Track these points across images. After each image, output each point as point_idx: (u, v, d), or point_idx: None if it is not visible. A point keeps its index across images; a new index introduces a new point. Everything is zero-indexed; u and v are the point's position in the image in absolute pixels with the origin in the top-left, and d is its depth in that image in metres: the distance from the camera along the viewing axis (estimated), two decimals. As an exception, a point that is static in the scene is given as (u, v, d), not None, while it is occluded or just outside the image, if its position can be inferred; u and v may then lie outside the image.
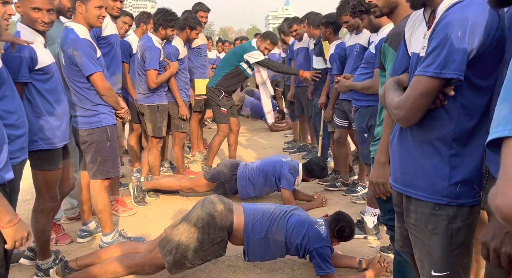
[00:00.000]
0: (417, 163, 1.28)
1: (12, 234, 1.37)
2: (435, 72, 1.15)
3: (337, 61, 3.81)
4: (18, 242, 1.40)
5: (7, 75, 1.82)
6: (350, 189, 3.80)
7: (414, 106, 1.20)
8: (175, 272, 2.22)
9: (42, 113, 2.19)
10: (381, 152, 1.72)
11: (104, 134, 2.58)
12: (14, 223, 1.37)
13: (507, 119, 0.62)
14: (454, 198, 1.23)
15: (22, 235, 1.40)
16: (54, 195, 2.35)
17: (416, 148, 1.28)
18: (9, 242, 1.38)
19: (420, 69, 1.19)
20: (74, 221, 3.13)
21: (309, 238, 2.29)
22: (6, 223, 1.35)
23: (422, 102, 1.19)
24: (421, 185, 1.28)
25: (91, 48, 2.46)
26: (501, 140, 0.62)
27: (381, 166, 1.70)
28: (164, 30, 3.58)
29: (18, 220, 1.39)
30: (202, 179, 3.55)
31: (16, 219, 1.38)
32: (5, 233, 1.37)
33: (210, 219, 2.22)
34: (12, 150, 1.83)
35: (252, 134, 6.70)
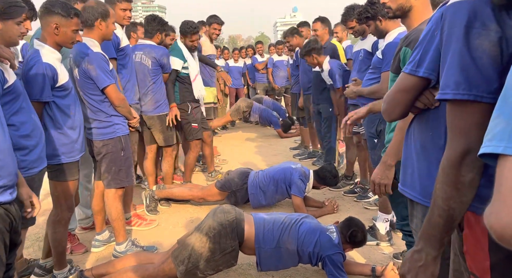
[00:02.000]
0: (415, 165, 1.30)
1: None
2: (412, 70, 1.16)
3: (336, 75, 3.86)
4: None
5: (22, 88, 1.88)
6: (361, 195, 3.78)
7: (393, 101, 1.24)
8: None
9: (62, 128, 2.25)
10: (388, 154, 1.75)
11: (118, 144, 2.63)
12: None
13: (501, 135, 0.63)
14: None
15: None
16: (71, 206, 2.40)
17: (416, 150, 1.30)
18: None
19: (407, 66, 1.21)
20: (88, 231, 3.17)
21: (321, 246, 2.28)
22: None
23: (400, 97, 1.22)
24: (418, 187, 1.29)
25: (105, 61, 2.52)
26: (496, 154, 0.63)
27: (387, 168, 1.74)
28: (161, 34, 3.67)
29: None
30: (213, 188, 3.57)
31: None
32: None
33: (221, 228, 2.23)
34: (30, 160, 1.89)
35: (262, 140, 6.71)
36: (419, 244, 1.01)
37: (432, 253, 0.99)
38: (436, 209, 0.95)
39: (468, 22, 0.86)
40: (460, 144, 0.89)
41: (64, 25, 2.17)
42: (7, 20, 1.80)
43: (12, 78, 1.79)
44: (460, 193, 0.90)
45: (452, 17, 0.91)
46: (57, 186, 2.33)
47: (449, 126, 0.93)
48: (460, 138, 0.90)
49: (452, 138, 0.92)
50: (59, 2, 2.19)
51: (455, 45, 0.89)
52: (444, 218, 0.94)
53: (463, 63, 0.87)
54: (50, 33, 2.18)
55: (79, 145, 2.38)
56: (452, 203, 0.92)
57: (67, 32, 2.19)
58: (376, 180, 1.77)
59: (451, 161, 0.91)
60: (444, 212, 0.93)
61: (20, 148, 1.84)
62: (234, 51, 8.58)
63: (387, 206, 2.84)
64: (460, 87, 0.87)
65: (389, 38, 2.59)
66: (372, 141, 2.88)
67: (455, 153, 0.90)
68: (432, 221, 0.96)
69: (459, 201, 0.91)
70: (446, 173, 0.92)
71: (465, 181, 0.89)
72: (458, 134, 0.90)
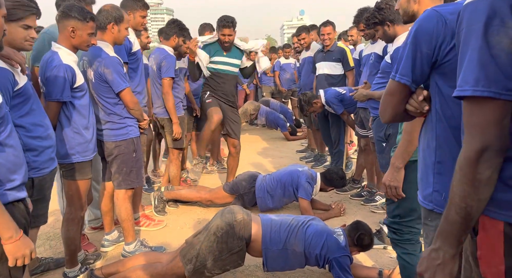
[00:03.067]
0: (419, 168, 1.34)
1: (13, 251, 1.33)
2: (393, 75, 1.26)
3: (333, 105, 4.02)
4: (19, 259, 1.36)
5: (33, 90, 1.92)
6: (368, 199, 3.78)
7: (383, 104, 1.32)
8: None
9: (78, 128, 2.31)
10: (397, 156, 1.78)
11: (131, 146, 2.67)
12: (15, 239, 1.33)
13: None
14: (438, 205, 1.24)
15: (24, 252, 1.36)
16: (83, 204, 2.46)
17: (420, 153, 1.33)
18: (9, 259, 1.34)
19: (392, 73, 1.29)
20: (98, 231, 3.21)
21: (328, 248, 2.29)
22: (6, 239, 1.32)
23: (388, 100, 1.30)
24: (419, 189, 1.33)
25: (120, 65, 2.58)
26: None
27: (396, 170, 1.78)
28: (178, 38, 3.70)
29: (20, 237, 1.35)
30: (221, 191, 3.59)
31: (17, 236, 1.34)
32: (6, 250, 1.34)
33: (229, 228, 2.25)
34: (41, 160, 1.93)
35: (268, 143, 6.73)
36: (437, 242, 1.01)
37: (450, 252, 0.98)
38: (453, 207, 0.95)
39: (487, 19, 0.87)
40: (477, 141, 0.89)
41: (80, 28, 2.23)
42: (9, 22, 1.75)
43: (23, 81, 1.82)
44: (477, 191, 0.90)
45: (470, 15, 0.91)
46: (71, 185, 2.38)
47: (465, 123, 0.93)
48: (477, 135, 0.89)
49: (469, 135, 0.92)
50: (76, 7, 2.26)
51: (474, 42, 0.89)
52: (461, 215, 0.93)
53: (483, 60, 0.87)
54: (67, 36, 2.25)
55: (92, 145, 2.43)
56: (469, 201, 0.92)
57: (83, 35, 2.25)
58: (386, 183, 1.80)
59: (468, 159, 0.91)
60: (461, 210, 0.93)
61: (31, 149, 1.88)
62: None
63: (394, 210, 2.85)
64: (479, 83, 0.87)
65: (398, 43, 2.60)
66: (380, 145, 2.88)
67: (472, 151, 0.90)
68: (450, 219, 0.96)
69: (477, 199, 0.91)
70: (463, 171, 0.92)
71: (482, 178, 0.89)
72: (475, 131, 0.90)
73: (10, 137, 1.43)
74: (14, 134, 1.47)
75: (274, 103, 7.48)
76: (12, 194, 1.42)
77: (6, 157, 1.40)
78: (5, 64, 1.70)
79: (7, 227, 1.31)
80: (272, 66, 8.05)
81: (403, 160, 1.77)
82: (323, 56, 4.52)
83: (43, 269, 2.55)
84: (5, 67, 1.69)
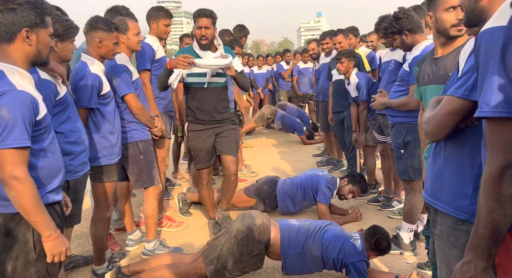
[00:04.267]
0: (445, 178, 1.34)
1: (51, 248, 1.47)
2: (464, 94, 1.22)
3: (364, 88, 3.91)
4: (56, 256, 1.49)
5: (71, 99, 2.08)
6: (385, 204, 3.80)
7: (440, 123, 1.28)
8: None
9: (105, 133, 2.46)
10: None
11: (136, 148, 2.79)
12: (53, 238, 1.46)
13: None
14: (474, 215, 1.25)
15: (60, 249, 1.49)
16: (110, 205, 2.60)
17: (447, 164, 1.34)
18: (48, 255, 1.48)
19: (452, 89, 1.27)
20: (122, 232, 3.35)
21: (345, 252, 2.35)
22: (46, 237, 1.46)
23: (448, 120, 1.26)
24: (446, 199, 1.33)
25: (126, 72, 2.70)
26: None
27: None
28: None
29: (58, 236, 1.49)
30: (243, 195, 3.68)
31: (55, 234, 1.47)
32: (45, 246, 1.47)
33: (249, 232, 2.33)
34: (76, 164, 2.07)
35: (285, 147, 6.78)
36: (468, 255, 1.06)
37: (481, 264, 1.02)
38: (481, 221, 1.01)
39: (504, 45, 0.94)
40: (499, 159, 0.96)
41: (106, 38, 2.39)
42: (64, 41, 2.07)
43: (63, 91, 1.99)
44: (502, 206, 0.96)
45: (487, 41, 0.99)
46: (98, 187, 2.52)
47: (487, 142, 1.00)
48: (499, 153, 0.96)
49: (491, 154, 0.99)
50: (101, 19, 2.44)
51: (492, 67, 0.96)
52: (489, 230, 0.99)
53: (501, 84, 0.95)
54: (95, 47, 2.40)
55: (118, 149, 2.57)
56: (495, 216, 0.98)
57: (108, 45, 2.41)
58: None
59: (491, 176, 0.98)
60: (488, 224, 0.99)
61: (67, 154, 2.02)
62: (259, 58, 8.72)
63: (412, 216, 2.87)
64: (499, 105, 0.95)
65: (416, 52, 2.65)
66: (398, 152, 2.91)
67: (495, 168, 0.97)
68: (478, 233, 1.02)
69: (502, 214, 0.97)
70: (487, 187, 0.98)
71: (507, 194, 0.95)
72: (497, 149, 0.97)
73: (52, 144, 1.57)
74: (55, 141, 1.61)
75: (290, 107, 7.54)
76: (51, 196, 1.56)
77: (48, 162, 1.54)
78: (48, 76, 1.86)
79: (47, 226, 1.45)
80: (291, 71, 8.14)
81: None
82: None
83: (73, 265, 2.71)
84: (49, 79, 1.85)
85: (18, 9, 1.42)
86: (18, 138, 1.36)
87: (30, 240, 1.48)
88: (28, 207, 1.40)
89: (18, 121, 1.36)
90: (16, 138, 1.36)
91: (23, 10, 1.43)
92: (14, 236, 1.47)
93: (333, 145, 5.42)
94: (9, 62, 1.46)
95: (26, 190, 1.39)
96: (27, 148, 1.41)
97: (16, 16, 1.43)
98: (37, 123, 1.46)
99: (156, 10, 3.46)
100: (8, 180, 1.37)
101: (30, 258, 1.48)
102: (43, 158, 1.52)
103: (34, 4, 1.46)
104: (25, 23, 1.44)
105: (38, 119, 1.46)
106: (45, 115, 1.50)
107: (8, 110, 1.35)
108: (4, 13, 1.42)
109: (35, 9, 1.45)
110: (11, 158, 1.37)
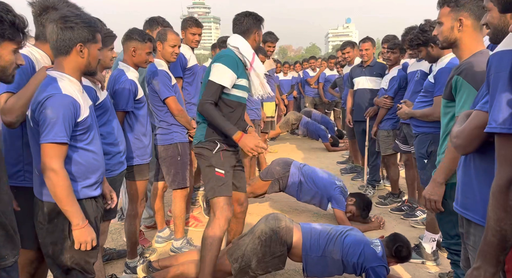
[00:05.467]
0: (477, 189, 1.37)
1: (78, 236, 1.62)
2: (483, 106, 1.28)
3: (396, 85, 3.92)
4: (82, 244, 1.63)
5: (110, 104, 2.27)
6: (409, 213, 3.80)
7: (470, 137, 1.32)
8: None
9: (138, 135, 2.65)
10: (439, 172, 1.86)
11: (176, 150, 2.97)
12: (81, 227, 1.61)
13: None
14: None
15: (86, 239, 1.63)
16: (142, 202, 2.78)
17: (477, 175, 1.37)
18: (75, 243, 1.64)
19: (480, 104, 1.32)
20: (151, 230, 3.52)
21: (365, 257, 2.40)
22: (74, 226, 1.61)
23: (477, 134, 1.29)
24: (479, 210, 1.36)
25: (167, 77, 2.90)
26: None
27: (437, 185, 1.86)
28: None
29: (85, 226, 1.63)
30: (259, 180, 3.78)
31: (83, 224, 1.62)
32: (73, 234, 1.63)
33: (272, 233, 2.44)
34: (112, 163, 2.25)
35: (309, 153, 6.83)
36: (478, 261, 1.12)
37: (490, 270, 1.08)
38: (490, 229, 1.08)
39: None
40: (506, 171, 1.04)
41: (140, 48, 2.60)
42: (103, 49, 2.21)
43: (103, 96, 2.19)
44: (509, 216, 1.03)
45: (498, 63, 1.08)
46: (132, 185, 2.70)
47: (497, 155, 1.08)
48: (507, 166, 1.03)
49: (500, 167, 1.06)
50: (137, 30, 2.67)
51: (501, 87, 1.05)
52: (497, 237, 1.06)
53: (509, 102, 1.03)
54: (129, 55, 2.62)
55: (149, 150, 2.75)
56: (503, 225, 1.04)
57: (142, 54, 2.62)
58: (427, 196, 1.90)
59: (499, 187, 1.05)
60: (497, 233, 1.06)
61: (105, 154, 2.19)
62: (284, 65, 8.85)
63: (434, 226, 2.88)
64: (506, 122, 1.03)
65: (442, 64, 2.68)
66: (422, 162, 2.93)
67: (503, 180, 1.04)
68: (487, 240, 1.09)
69: (510, 223, 1.04)
70: (496, 198, 1.05)
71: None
72: (505, 162, 1.04)
73: (92, 144, 1.75)
74: (96, 141, 1.79)
75: (315, 113, 7.60)
76: (87, 191, 1.74)
77: (86, 159, 1.73)
78: (89, 82, 2.06)
79: (76, 215, 1.62)
80: (317, 78, 8.21)
81: (445, 176, 1.86)
82: (362, 71, 4.60)
83: (108, 258, 2.91)
84: (89, 85, 2.05)
85: (75, 27, 1.65)
86: (57, 135, 1.56)
87: (66, 229, 1.66)
88: (60, 196, 1.58)
89: (59, 120, 1.56)
90: (56, 134, 1.56)
91: (79, 28, 1.65)
92: (55, 224, 1.66)
93: (357, 153, 5.43)
94: (63, 71, 1.68)
95: (60, 181, 1.57)
96: (64, 144, 1.60)
97: (73, 33, 1.65)
98: (77, 124, 1.65)
99: (185, 20, 3.70)
100: (46, 170, 1.57)
101: (65, 244, 1.67)
102: (82, 155, 1.71)
103: (89, 23, 1.68)
104: (80, 39, 1.66)
105: (79, 120, 1.65)
106: (86, 117, 1.69)
107: (52, 110, 1.56)
108: (64, 31, 1.64)
109: (88, 27, 1.67)
110: (50, 151, 1.56)
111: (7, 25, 1.31)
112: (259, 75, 2.43)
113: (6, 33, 1.32)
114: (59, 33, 1.64)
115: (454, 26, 1.83)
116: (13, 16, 1.32)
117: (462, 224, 1.53)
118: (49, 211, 1.65)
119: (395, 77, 3.97)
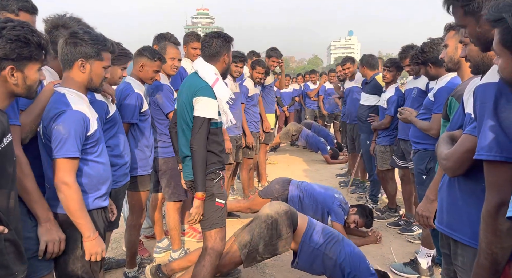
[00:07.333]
0: (463, 210, 1.40)
1: (89, 248, 1.67)
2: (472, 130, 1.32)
3: (394, 104, 4.00)
4: (93, 255, 1.68)
5: (119, 117, 2.33)
6: (405, 228, 3.83)
7: (460, 160, 1.35)
8: (247, 265, 2.56)
9: (142, 146, 2.71)
10: (432, 189, 1.91)
11: (176, 163, 2.96)
12: (92, 239, 1.66)
13: None
14: None
15: (97, 250, 1.68)
16: (143, 213, 2.82)
17: (463, 196, 1.40)
18: (86, 254, 1.68)
19: (469, 129, 1.36)
20: (151, 239, 3.56)
21: (360, 271, 2.45)
22: (86, 237, 1.66)
23: (467, 157, 1.31)
24: (467, 231, 1.38)
25: (169, 91, 2.97)
26: None
27: (429, 202, 1.91)
28: None
29: (96, 237, 1.68)
30: (257, 198, 3.84)
31: (94, 236, 1.67)
32: (84, 246, 1.68)
33: (278, 216, 2.54)
34: (118, 175, 2.30)
35: (309, 165, 6.87)
36: None
37: None
38: (482, 252, 1.12)
39: (496, 98, 1.10)
40: (495, 197, 1.09)
41: (148, 65, 2.68)
42: (113, 65, 2.29)
43: (113, 110, 2.25)
44: (499, 240, 1.08)
45: (482, 94, 1.15)
46: (133, 195, 2.75)
47: (486, 181, 1.14)
48: (495, 192, 1.09)
49: (488, 192, 1.12)
50: (149, 48, 2.76)
51: (487, 116, 1.12)
52: (489, 260, 1.10)
53: (494, 132, 1.09)
54: (137, 70, 2.71)
55: (151, 161, 2.81)
56: (493, 248, 1.09)
57: (149, 71, 2.70)
58: (419, 212, 1.95)
59: (488, 212, 1.10)
60: (488, 256, 1.10)
61: (112, 165, 2.25)
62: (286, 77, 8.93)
63: (430, 242, 2.91)
64: (492, 150, 1.10)
65: (442, 83, 2.74)
66: (420, 177, 2.96)
67: (492, 205, 1.10)
68: (479, 263, 1.14)
69: (500, 247, 1.08)
70: (486, 222, 1.11)
71: (503, 229, 1.07)
72: (493, 188, 1.10)
73: (101, 156, 1.81)
74: (105, 153, 1.85)
75: (315, 125, 7.67)
76: (99, 202, 1.79)
77: (97, 171, 1.78)
78: (101, 96, 2.12)
79: (88, 227, 1.67)
80: (317, 90, 8.30)
81: (436, 193, 1.90)
82: (363, 87, 4.78)
83: (107, 267, 2.93)
84: (102, 99, 2.12)
85: (79, 43, 1.71)
86: (69, 150, 1.62)
87: (78, 239, 1.70)
88: (73, 209, 1.63)
89: (70, 136, 1.62)
90: (68, 150, 1.61)
91: (82, 44, 1.72)
92: (68, 234, 1.70)
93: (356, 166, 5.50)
94: (70, 87, 1.75)
95: (72, 194, 1.62)
96: (76, 159, 1.66)
97: (75, 49, 1.72)
98: (88, 138, 1.71)
99: (187, 35, 3.80)
100: (59, 184, 1.62)
101: (77, 254, 1.71)
102: (93, 167, 1.76)
103: (95, 40, 1.74)
104: (81, 55, 1.72)
105: (89, 134, 1.71)
106: (95, 130, 1.75)
107: (64, 126, 1.62)
108: (67, 45, 1.72)
109: (93, 45, 1.74)
110: (62, 166, 1.62)
111: (33, 47, 1.38)
112: (221, 101, 2.23)
113: (33, 54, 1.38)
114: (63, 47, 1.71)
115: (458, 47, 1.91)
116: (38, 37, 1.38)
117: (446, 244, 1.56)
118: (62, 222, 1.70)
119: (393, 96, 4.05)
